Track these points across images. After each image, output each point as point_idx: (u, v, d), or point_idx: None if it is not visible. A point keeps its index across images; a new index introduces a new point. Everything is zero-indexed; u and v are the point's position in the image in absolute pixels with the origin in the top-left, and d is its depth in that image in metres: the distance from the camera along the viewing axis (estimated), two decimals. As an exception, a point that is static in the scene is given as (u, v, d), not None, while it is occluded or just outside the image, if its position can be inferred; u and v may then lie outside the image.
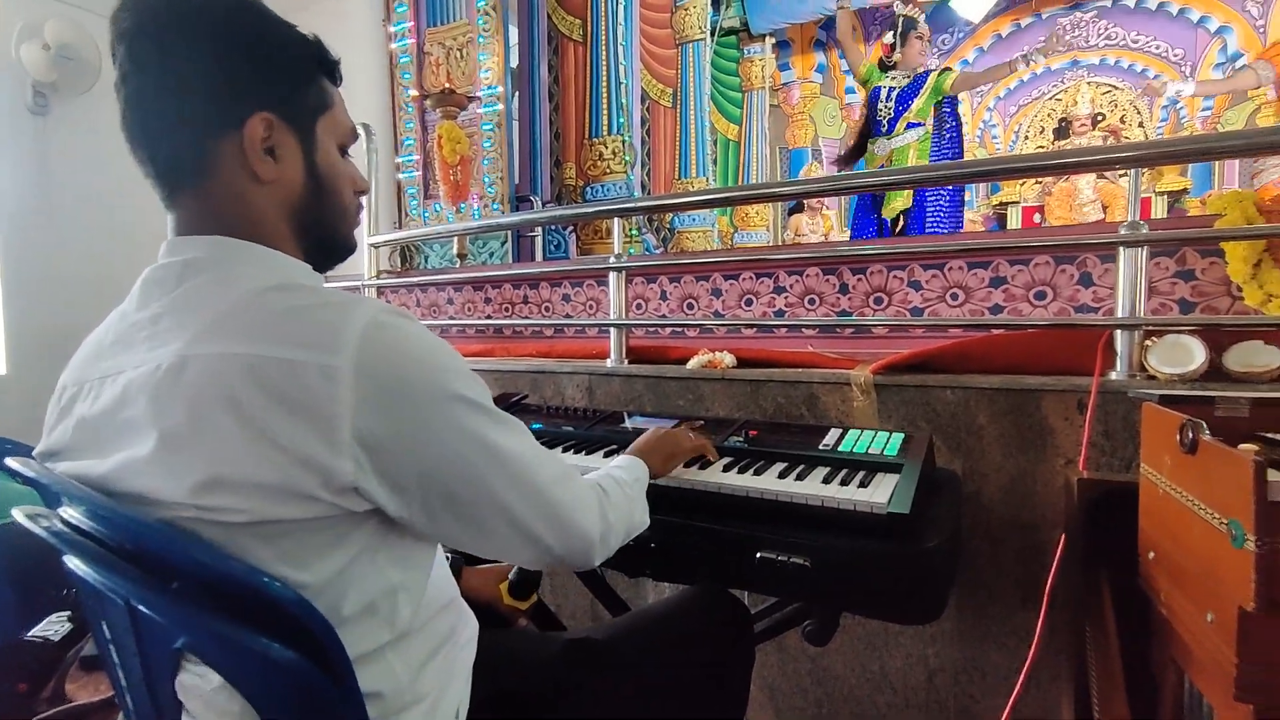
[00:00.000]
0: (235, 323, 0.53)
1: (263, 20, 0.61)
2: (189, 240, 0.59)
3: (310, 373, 0.50)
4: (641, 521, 0.80)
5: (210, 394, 0.50)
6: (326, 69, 0.66)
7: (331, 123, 0.66)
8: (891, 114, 3.06)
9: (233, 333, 0.52)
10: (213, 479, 0.50)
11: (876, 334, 1.63)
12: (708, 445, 1.03)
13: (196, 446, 0.50)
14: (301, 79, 0.63)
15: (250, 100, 0.59)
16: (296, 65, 0.63)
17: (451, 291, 2.49)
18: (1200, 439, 0.71)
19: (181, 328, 0.54)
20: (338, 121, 0.67)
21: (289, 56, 0.62)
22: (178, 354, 0.52)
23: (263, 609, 0.47)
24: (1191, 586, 0.73)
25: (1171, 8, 4.92)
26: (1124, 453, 1.15)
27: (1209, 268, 1.31)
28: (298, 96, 0.63)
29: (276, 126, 0.60)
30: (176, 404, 0.51)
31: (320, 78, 0.65)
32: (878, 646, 1.40)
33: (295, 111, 0.62)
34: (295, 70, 0.63)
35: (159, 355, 0.53)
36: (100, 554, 0.54)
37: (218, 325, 0.53)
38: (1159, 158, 1.37)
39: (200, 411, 0.50)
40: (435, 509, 0.56)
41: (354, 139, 0.70)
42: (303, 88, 0.63)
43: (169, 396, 0.51)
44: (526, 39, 3.42)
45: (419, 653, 0.62)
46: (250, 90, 0.59)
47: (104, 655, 0.63)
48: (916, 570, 0.84)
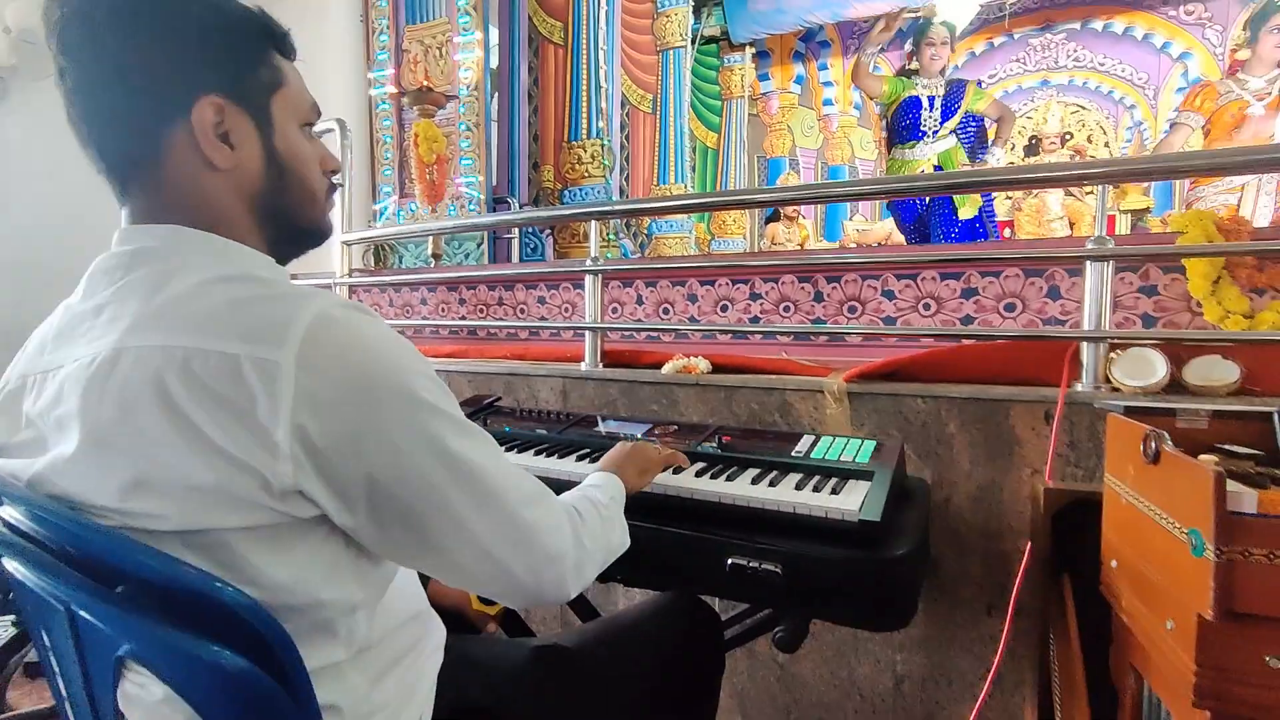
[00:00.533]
0: (175, 314, 0.50)
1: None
2: (141, 229, 0.56)
3: (247, 367, 0.47)
4: (621, 544, 0.75)
5: (142, 389, 0.47)
6: (276, 42, 0.61)
7: (287, 100, 0.61)
8: (938, 122, 3.14)
9: (171, 324, 0.49)
10: (139, 479, 0.47)
11: (850, 342, 1.65)
12: (677, 454, 1.01)
13: (124, 445, 0.48)
14: (249, 56, 0.59)
15: (195, 84, 0.55)
16: (242, 41, 0.59)
17: (425, 292, 2.45)
18: (1163, 449, 0.72)
19: (120, 319, 0.51)
20: (295, 98, 0.62)
21: (233, 33, 0.58)
22: (113, 346, 0.49)
23: (214, 615, 0.45)
24: (1152, 594, 0.75)
25: (1136, 32, 5.10)
26: (1088, 463, 1.18)
27: (1170, 283, 1.35)
28: (247, 75, 0.58)
29: (228, 109, 0.56)
30: (107, 399, 0.48)
31: (270, 52, 0.61)
32: (846, 653, 1.40)
33: (246, 91, 0.58)
34: (241, 47, 0.58)
35: (96, 348, 0.50)
36: (41, 557, 0.51)
37: (157, 316, 0.50)
38: (1127, 174, 1.42)
39: (130, 407, 0.48)
40: (386, 520, 0.52)
41: (317, 115, 0.66)
42: (252, 65, 0.59)
43: (100, 391, 0.49)
44: (507, 40, 3.41)
45: (380, 664, 0.60)
46: (194, 73, 0.55)
47: (44, 663, 0.60)
48: (887, 577, 0.84)
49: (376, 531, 0.53)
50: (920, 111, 3.15)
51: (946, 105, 3.12)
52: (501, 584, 0.59)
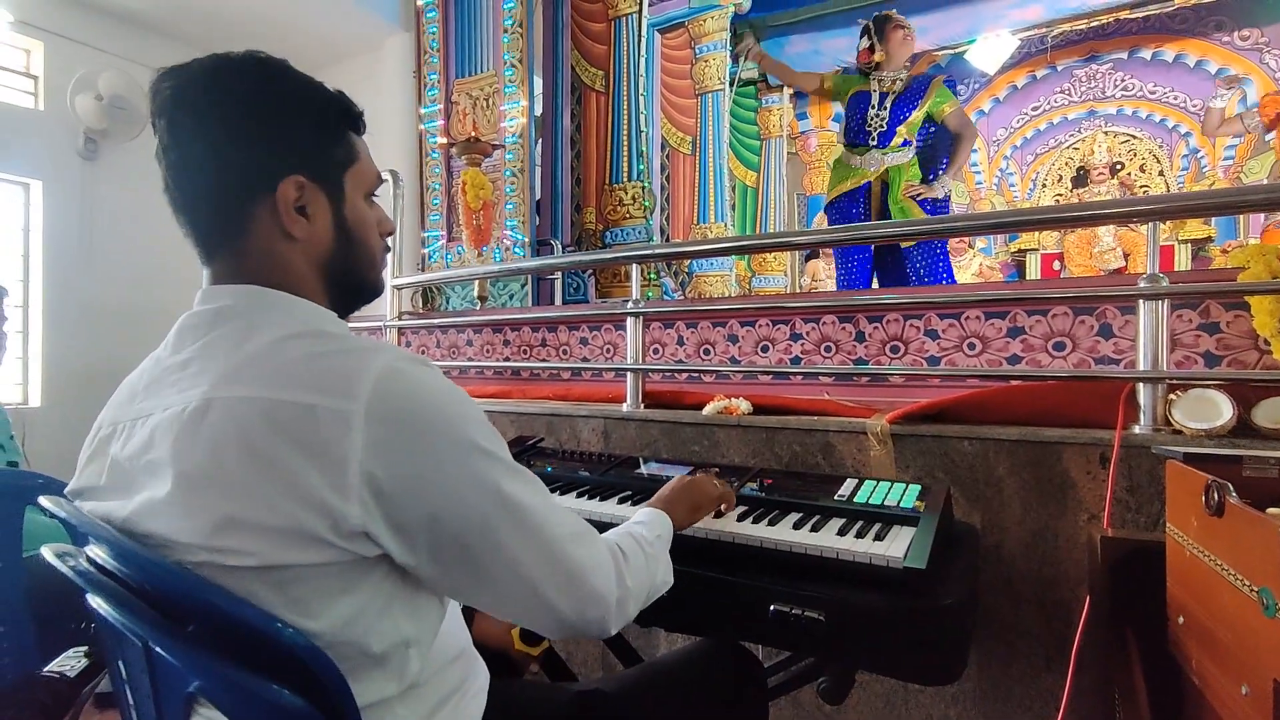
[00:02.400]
0: (257, 368, 0.55)
1: (292, 85, 0.63)
2: (222, 289, 0.62)
3: (323, 417, 0.51)
4: (664, 583, 0.77)
5: (229, 437, 0.52)
6: (352, 122, 0.67)
7: (358, 174, 0.67)
8: (886, 124, 2.64)
9: (254, 378, 0.54)
10: (227, 519, 0.51)
11: (893, 383, 1.63)
12: (730, 494, 1.01)
13: (213, 488, 0.52)
14: (330, 137, 0.65)
15: (283, 163, 0.61)
16: (325, 124, 0.65)
17: (471, 333, 2.53)
18: (1227, 501, 0.69)
19: (207, 372, 0.56)
20: (364, 172, 0.68)
21: (318, 117, 0.64)
22: (203, 397, 0.54)
23: (275, 655, 0.48)
24: (1223, 655, 0.71)
25: (1189, 60, 4.97)
26: (1150, 509, 1.12)
27: (1234, 320, 1.30)
28: (327, 155, 0.65)
29: (307, 186, 0.62)
30: (198, 446, 0.53)
31: (347, 133, 0.67)
32: (896, 705, 1.35)
33: (325, 169, 0.64)
34: (324, 130, 0.65)
35: (185, 398, 0.55)
36: (121, 594, 0.55)
37: (240, 370, 0.55)
38: (1177, 211, 1.37)
39: (219, 452, 0.52)
40: (445, 557, 0.56)
41: (379, 184, 0.72)
42: (331, 146, 0.65)
43: (191, 438, 0.53)
44: (550, 88, 3.55)
45: (427, 704, 0.62)
46: (283, 154, 0.61)
47: (119, 695, 0.64)
48: (933, 628, 0.82)
49: (435, 568, 0.56)
50: (867, 109, 2.65)
51: (903, 102, 2.63)
52: (547, 618, 0.62)
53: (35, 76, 3.31)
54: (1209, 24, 4.85)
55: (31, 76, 3.31)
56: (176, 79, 0.60)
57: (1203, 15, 4.84)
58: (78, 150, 3.34)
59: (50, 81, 3.28)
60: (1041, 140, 5.53)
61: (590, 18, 3.64)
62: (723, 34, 4.39)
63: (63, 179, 3.32)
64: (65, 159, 3.33)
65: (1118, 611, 0.97)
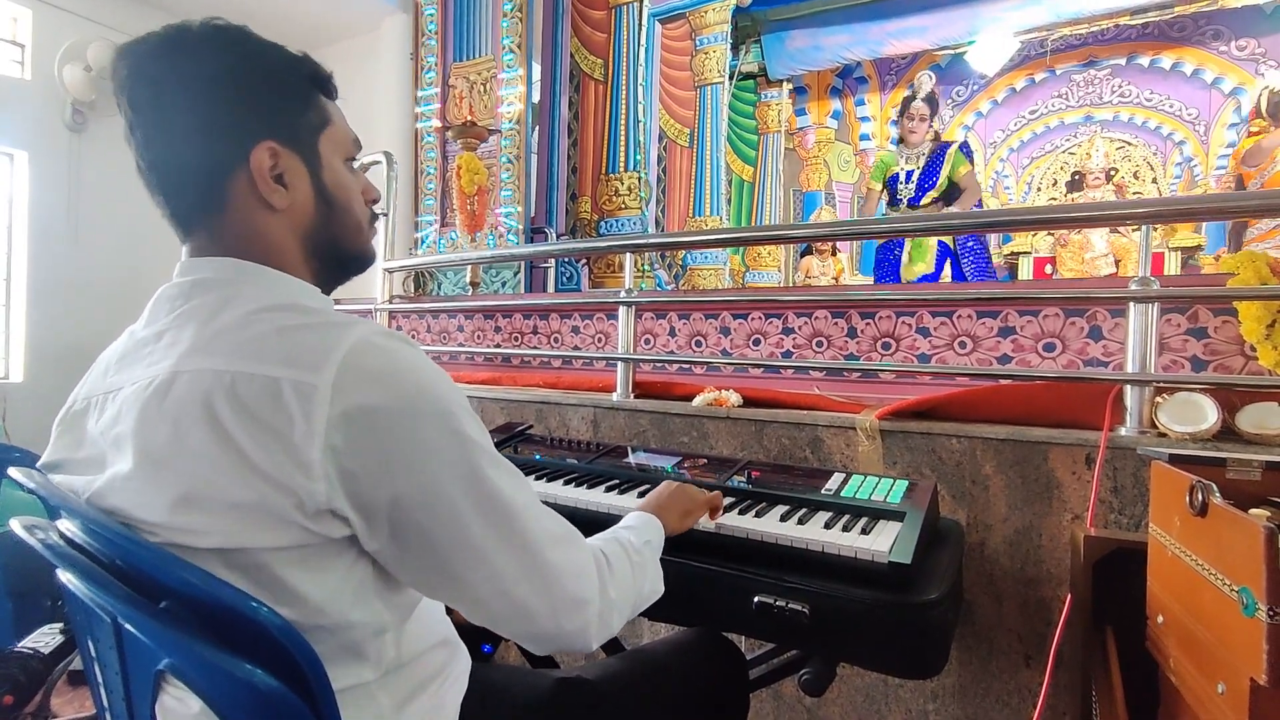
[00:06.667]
0: (226, 340, 0.53)
1: (253, 49, 0.61)
2: (201, 261, 0.60)
3: (287, 390, 0.49)
4: (653, 592, 0.73)
5: (192, 409, 0.50)
6: (321, 85, 0.65)
7: (333, 137, 0.65)
8: (913, 194, 3.26)
9: (222, 350, 0.52)
10: (187, 496, 0.49)
11: (883, 379, 1.63)
12: (719, 499, 1.00)
13: (175, 463, 0.50)
14: (299, 101, 0.63)
15: (251, 131, 0.59)
16: (292, 88, 0.62)
17: (462, 319, 2.51)
18: (1210, 501, 0.69)
19: (177, 345, 0.54)
20: (339, 135, 0.66)
21: (284, 81, 0.62)
22: (170, 370, 0.52)
23: (249, 635, 0.46)
24: (1201, 654, 0.71)
25: (1185, 68, 4.99)
26: (1133, 510, 1.13)
27: (1222, 326, 1.31)
28: (297, 119, 0.62)
29: (281, 153, 0.60)
30: (161, 420, 0.51)
31: (316, 95, 0.65)
32: (876, 699, 1.36)
33: (296, 134, 0.62)
34: (292, 94, 0.62)
35: (154, 371, 0.53)
36: (91, 569, 0.53)
37: (210, 342, 0.53)
38: (1172, 215, 1.38)
39: (181, 427, 0.50)
40: (407, 545, 0.53)
41: (358, 149, 0.70)
42: (301, 109, 0.63)
43: (155, 412, 0.51)
44: (549, 75, 3.52)
45: (406, 688, 0.61)
46: (250, 121, 0.59)
47: (88, 672, 0.63)
48: (916, 622, 0.82)
49: (398, 555, 0.54)
50: (897, 185, 3.34)
51: (927, 172, 3.25)
52: (521, 625, 0.58)
53: (22, 45, 3.24)
54: (1207, 33, 4.88)
55: (19, 45, 3.24)
56: (134, 53, 0.57)
57: (1201, 24, 4.87)
58: (65, 121, 3.28)
59: (38, 50, 3.22)
60: (1038, 144, 5.55)
61: (591, 5, 3.61)
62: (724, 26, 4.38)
63: (49, 150, 3.27)
64: (52, 130, 3.27)
65: (1098, 610, 0.98)
